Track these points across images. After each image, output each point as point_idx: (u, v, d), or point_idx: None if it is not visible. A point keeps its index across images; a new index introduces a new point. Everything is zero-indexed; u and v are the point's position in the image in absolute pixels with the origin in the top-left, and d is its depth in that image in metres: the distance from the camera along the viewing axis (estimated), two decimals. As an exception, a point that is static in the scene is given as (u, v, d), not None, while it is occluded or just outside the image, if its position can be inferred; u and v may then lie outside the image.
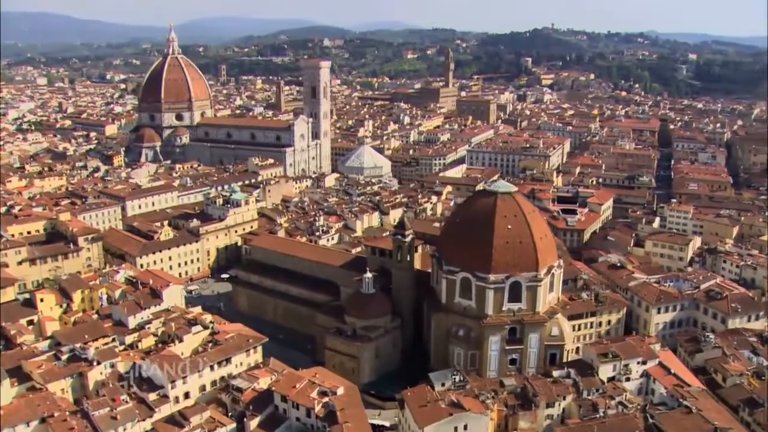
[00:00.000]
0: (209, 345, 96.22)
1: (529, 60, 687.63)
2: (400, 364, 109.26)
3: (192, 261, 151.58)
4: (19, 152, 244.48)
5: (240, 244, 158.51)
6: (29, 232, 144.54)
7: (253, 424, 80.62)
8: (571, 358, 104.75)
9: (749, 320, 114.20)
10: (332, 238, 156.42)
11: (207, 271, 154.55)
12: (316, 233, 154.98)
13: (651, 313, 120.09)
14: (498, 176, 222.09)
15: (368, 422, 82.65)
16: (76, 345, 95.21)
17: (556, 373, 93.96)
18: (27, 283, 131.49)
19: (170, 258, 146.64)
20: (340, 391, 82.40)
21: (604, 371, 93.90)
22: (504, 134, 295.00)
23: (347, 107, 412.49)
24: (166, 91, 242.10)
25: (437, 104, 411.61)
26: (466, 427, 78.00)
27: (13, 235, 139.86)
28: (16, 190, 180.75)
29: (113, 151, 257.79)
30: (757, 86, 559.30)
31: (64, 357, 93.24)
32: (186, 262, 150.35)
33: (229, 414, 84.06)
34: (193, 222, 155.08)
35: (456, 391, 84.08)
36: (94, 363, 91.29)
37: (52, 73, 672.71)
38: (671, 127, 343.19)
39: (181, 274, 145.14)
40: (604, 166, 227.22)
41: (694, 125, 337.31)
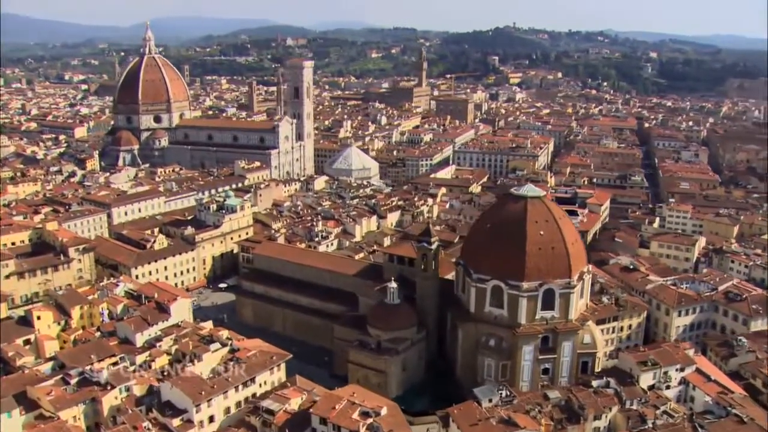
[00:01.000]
0: (230, 363, 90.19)
1: (496, 59, 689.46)
2: (424, 377, 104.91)
3: (188, 270, 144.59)
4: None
5: (236, 252, 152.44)
6: (13, 243, 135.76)
7: (291, 449, 75.32)
8: (601, 366, 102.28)
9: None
10: (332, 244, 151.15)
11: (203, 281, 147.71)
12: (315, 239, 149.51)
13: (672, 317, 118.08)
14: (487, 177, 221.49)
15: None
16: (85, 367, 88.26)
17: (596, 383, 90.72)
18: (15, 298, 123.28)
19: (165, 268, 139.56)
20: (384, 411, 77.47)
21: (645, 380, 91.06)
22: (487, 134, 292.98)
23: (320, 107, 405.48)
24: (144, 93, 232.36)
25: (411, 104, 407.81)
26: (520, 445, 74.05)
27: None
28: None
29: (86, 155, 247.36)
30: (720, 84, 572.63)
31: (74, 381, 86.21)
32: (182, 272, 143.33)
33: (262, 438, 78.62)
34: (188, 229, 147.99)
35: (504, 407, 79.98)
36: (108, 387, 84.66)
37: (7, 74, 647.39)
38: (646, 125, 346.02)
39: (177, 285, 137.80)
40: (592, 166, 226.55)
41: (670, 123, 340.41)
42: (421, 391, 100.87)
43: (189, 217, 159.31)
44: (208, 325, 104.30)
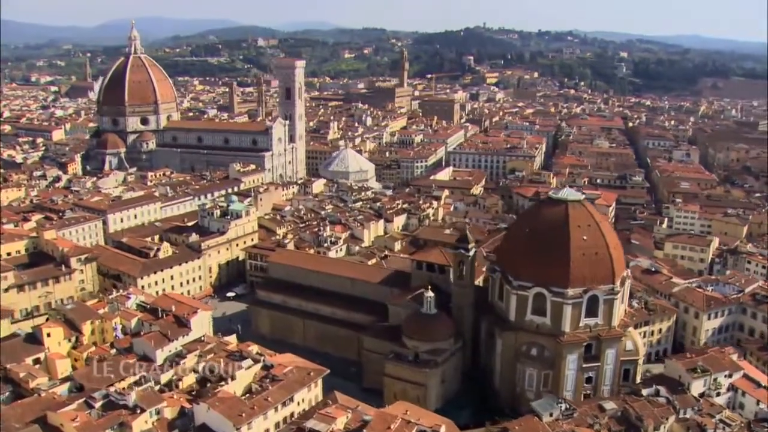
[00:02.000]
0: (266, 381, 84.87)
1: (471, 59, 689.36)
2: (460, 388, 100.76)
3: (194, 279, 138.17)
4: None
5: (242, 259, 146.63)
6: (9, 254, 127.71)
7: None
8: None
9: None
10: (340, 250, 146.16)
11: (209, 290, 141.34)
12: (324, 245, 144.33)
13: (701, 320, 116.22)
14: (485, 178, 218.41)
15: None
16: (109, 389, 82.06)
17: (645, 391, 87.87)
18: (15, 313, 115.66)
19: (172, 277, 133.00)
20: (443, 430, 73.06)
21: (696, 387, 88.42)
22: (478, 135, 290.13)
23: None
24: (130, 94, 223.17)
25: (394, 104, 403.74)
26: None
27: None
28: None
29: (67, 158, 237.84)
30: (694, 84, 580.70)
31: (98, 404, 79.72)
32: (188, 281, 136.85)
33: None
34: (192, 236, 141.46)
35: (566, 420, 76.32)
36: (137, 410, 78.54)
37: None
38: (630, 125, 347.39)
39: (183, 295, 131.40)
40: (589, 166, 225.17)
41: (655, 123, 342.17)
42: (461, 403, 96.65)
43: (189, 223, 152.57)
44: (233, 339, 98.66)
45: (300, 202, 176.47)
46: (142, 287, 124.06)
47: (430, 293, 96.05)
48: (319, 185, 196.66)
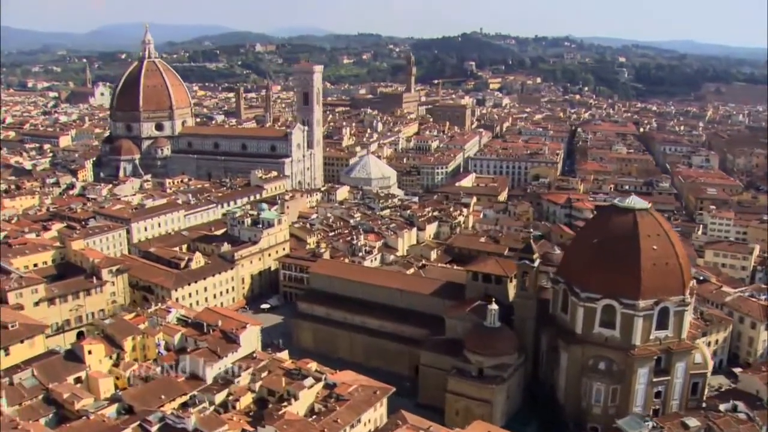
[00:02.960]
0: (330, 401, 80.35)
1: (473, 64, 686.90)
2: (522, 404, 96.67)
3: (227, 291, 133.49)
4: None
5: (274, 269, 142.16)
6: (36, 265, 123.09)
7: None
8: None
9: None
10: (375, 259, 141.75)
11: (242, 302, 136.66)
12: (359, 254, 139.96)
13: (758, 330, 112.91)
14: (509, 185, 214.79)
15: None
16: (165, 411, 77.35)
17: (723, 407, 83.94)
18: (47, 328, 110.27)
19: (205, 289, 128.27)
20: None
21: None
22: (495, 140, 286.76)
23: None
24: (145, 99, 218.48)
25: (402, 110, 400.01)
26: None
27: (18, 269, 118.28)
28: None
29: (77, 165, 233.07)
30: (696, 89, 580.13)
31: (154, 428, 74.94)
32: (220, 293, 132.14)
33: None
34: (225, 246, 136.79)
35: (656, 442, 72.22)
36: (199, 434, 73.86)
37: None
38: (642, 130, 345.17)
39: (216, 307, 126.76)
40: (612, 172, 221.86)
41: (667, 128, 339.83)
42: (525, 419, 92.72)
43: (217, 232, 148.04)
44: (285, 355, 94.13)
45: (327, 209, 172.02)
46: (176, 299, 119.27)
47: (494, 306, 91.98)
48: (343, 192, 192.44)
